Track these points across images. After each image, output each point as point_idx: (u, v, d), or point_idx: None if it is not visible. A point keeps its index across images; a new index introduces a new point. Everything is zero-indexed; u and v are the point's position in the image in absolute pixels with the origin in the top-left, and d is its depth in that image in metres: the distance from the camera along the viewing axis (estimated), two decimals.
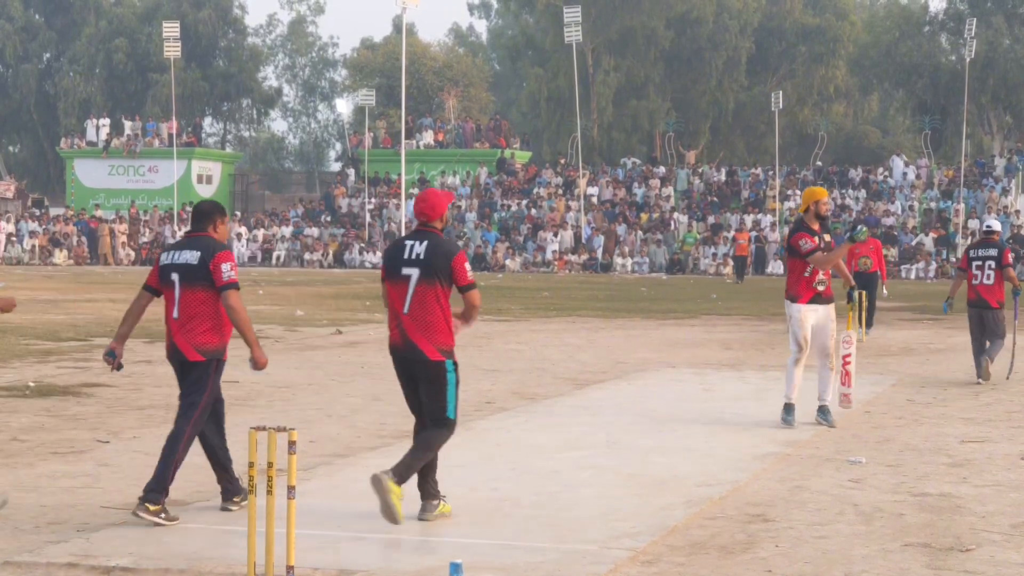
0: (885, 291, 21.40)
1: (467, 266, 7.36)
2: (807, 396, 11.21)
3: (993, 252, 14.56)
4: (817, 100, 68.55)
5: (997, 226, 15.17)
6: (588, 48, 63.31)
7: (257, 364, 7.39)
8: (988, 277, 14.49)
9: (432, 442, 7.27)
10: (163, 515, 7.09)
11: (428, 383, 7.27)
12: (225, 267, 7.37)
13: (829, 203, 11.24)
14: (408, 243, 7.39)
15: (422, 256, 7.28)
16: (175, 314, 7.41)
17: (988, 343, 14.34)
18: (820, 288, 10.94)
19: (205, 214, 7.61)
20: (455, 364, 7.31)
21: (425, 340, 7.22)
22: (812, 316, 10.97)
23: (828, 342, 11.04)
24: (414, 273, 7.27)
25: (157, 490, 7.13)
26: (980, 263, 14.57)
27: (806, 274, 10.91)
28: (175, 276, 7.43)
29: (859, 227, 11.25)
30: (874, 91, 72.72)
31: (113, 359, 7.55)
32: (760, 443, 10.04)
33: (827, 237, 11.07)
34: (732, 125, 69.13)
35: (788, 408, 10.99)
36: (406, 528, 7.06)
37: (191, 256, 7.43)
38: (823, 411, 11.09)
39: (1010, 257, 14.78)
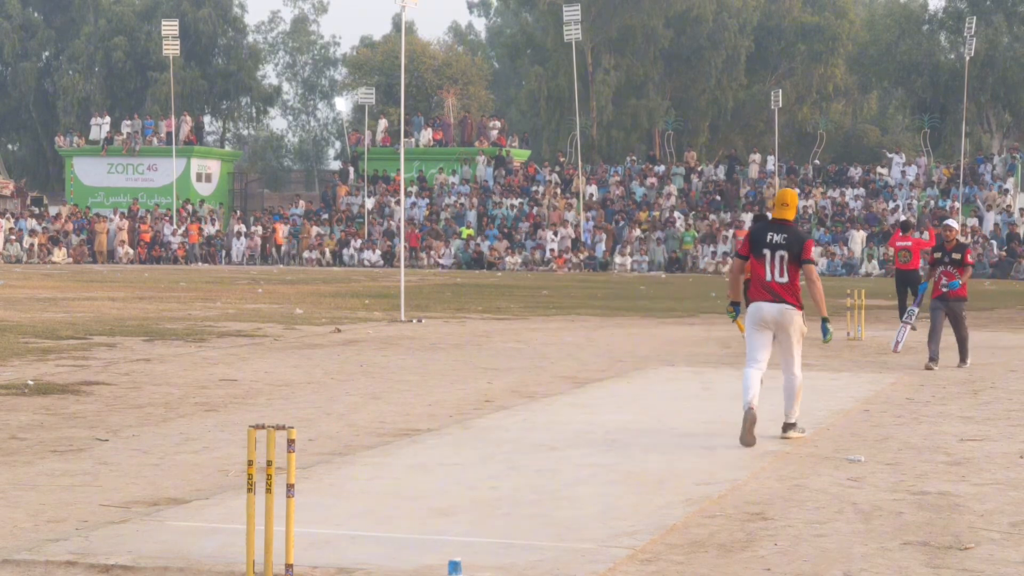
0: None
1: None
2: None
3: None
4: (816, 99, 68.53)
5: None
6: (588, 47, 63.26)
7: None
8: None
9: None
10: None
11: None
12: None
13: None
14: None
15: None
16: None
17: None
18: None
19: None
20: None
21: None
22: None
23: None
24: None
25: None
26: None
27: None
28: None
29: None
30: (873, 89, 72.71)
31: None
32: (759, 441, 10.03)
33: None
34: (731, 124, 69.14)
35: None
36: (405, 527, 7.07)
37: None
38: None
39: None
